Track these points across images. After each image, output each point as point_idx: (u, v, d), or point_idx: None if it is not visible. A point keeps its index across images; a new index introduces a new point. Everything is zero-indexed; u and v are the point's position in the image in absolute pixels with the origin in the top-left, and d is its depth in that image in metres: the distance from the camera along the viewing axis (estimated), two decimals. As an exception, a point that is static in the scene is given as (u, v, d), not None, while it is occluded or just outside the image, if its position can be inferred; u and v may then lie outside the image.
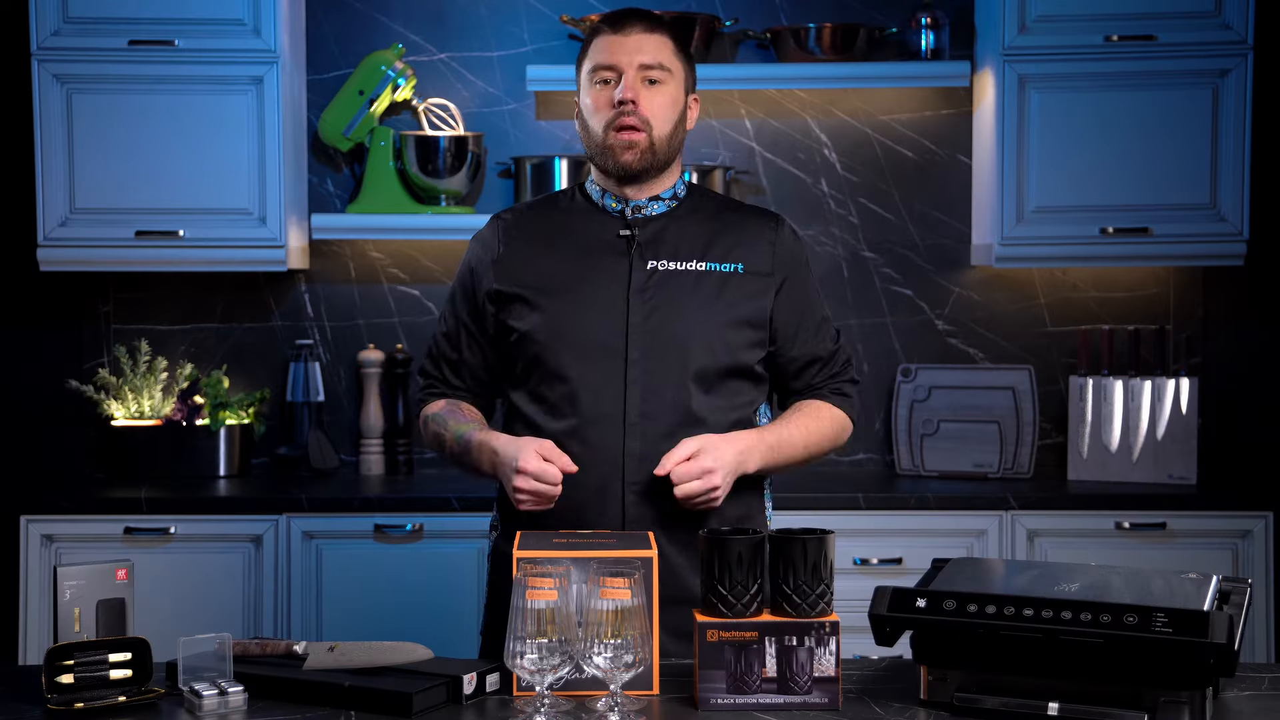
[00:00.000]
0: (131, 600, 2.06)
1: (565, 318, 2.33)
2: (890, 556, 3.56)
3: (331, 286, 4.04)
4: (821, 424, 2.41)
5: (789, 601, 1.93)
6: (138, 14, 3.70)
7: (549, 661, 1.82)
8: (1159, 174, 3.71)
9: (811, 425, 2.39)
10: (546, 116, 4.04)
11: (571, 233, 2.40)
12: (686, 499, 2.21)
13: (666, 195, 2.41)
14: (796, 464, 2.39)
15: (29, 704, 1.96)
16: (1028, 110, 3.72)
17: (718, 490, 2.22)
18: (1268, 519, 3.57)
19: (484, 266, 2.41)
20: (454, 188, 3.91)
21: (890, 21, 3.96)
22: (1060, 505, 3.61)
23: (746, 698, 1.92)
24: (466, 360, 2.45)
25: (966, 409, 3.91)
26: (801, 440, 2.37)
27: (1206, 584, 1.95)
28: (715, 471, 2.21)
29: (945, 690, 1.92)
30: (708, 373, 2.32)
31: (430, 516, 3.56)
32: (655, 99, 2.34)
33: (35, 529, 3.56)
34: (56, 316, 4.06)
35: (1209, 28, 3.68)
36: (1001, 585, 2.04)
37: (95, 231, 3.73)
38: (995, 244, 3.75)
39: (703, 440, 2.23)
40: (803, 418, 2.40)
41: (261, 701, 1.95)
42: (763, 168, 4.04)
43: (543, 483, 2.19)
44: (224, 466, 3.88)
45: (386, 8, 4.03)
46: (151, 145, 3.72)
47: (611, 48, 2.34)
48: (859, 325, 4.05)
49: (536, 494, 2.20)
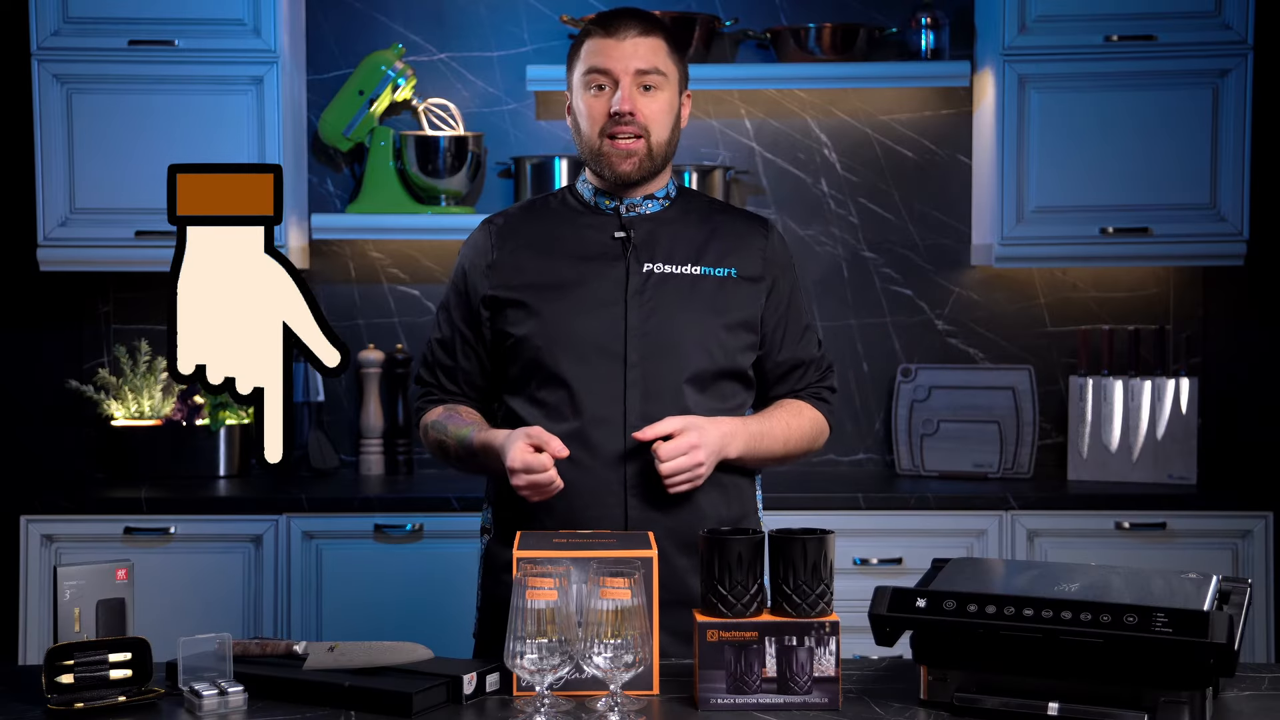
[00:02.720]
0: (131, 600, 2.06)
1: (563, 321, 2.32)
2: (890, 556, 3.56)
3: (331, 286, 4.04)
4: (802, 422, 2.42)
5: (789, 601, 1.93)
6: (138, 14, 3.70)
7: (549, 661, 1.82)
8: (1159, 174, 3.71)
9: (793, 422, 2.40)
10: (546, 116, 4.04)
11: (566, 236, 2.39)
12: (671, 475, 2.20)
13: (660, 194, 2.41)
14: (775, 459, 2.39)
15: (29, 704, 1.96)
16: (1028, 110, 3.72)
17: (702, 468, 2.22)
18: (1268, 519, 3.58)
19: (477, 272, 2.41)
20: (454, 188, 3.91)
21: (890, 21, 3.96)
22: (1060, 505, 3.61)
23: (746, 698, 1.92)
24: (462, 366, 2.44)
25: (966, 409, 3.91)
26: (782, 434, 2.38)
27: (1206, 584, 1.95)
28: (700, 448, 2.21)
29: (945, 690, 1.92)
30: (704, 375, 2.33)
31: (430, 516, 3.56)
32: (652, 105, 2.34)
33: (35, 529, 3.56)
34: (56, 316, 4.06)
35: (1209, 28, 3.68)
36: (1001, 585, 2.04)
37: (95, 231, 3.73)
38: (995, 244, 3.76)
39: (687, 419, 2.23)
40: (784, 413, 2.41)
41: (261, 701, 1.95)
42: (763, 168, 4.04)
43: (534, 473, 2.18)
44: (224, 466, 3.88)
45: (386, 8, 4.03)
46: (151, 145, 3.72)
47: (605, 52, 2.33)
48: (859, 325, 4.05)
49: (533, 487, 2.20)
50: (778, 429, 2.37)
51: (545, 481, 2.19)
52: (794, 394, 2.45)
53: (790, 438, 2.39)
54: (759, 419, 2.37)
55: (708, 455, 2.22)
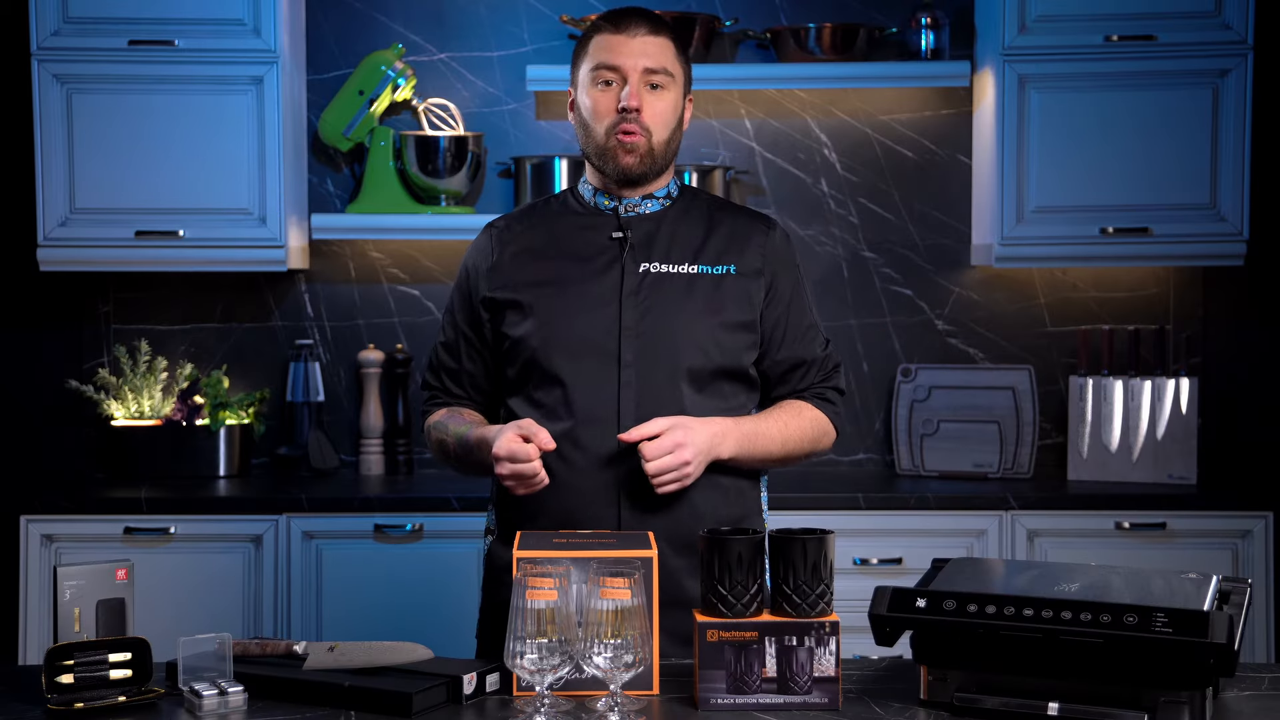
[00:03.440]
0: (131, 600, 2.06)
1: (559, 320, 2.32)
2: (890, 556, 3.56)
3: (331, 286, 4.04)
4: (801, 423, 2.39)
5: (789, 601, 1.93)
6: (138, 14, 3.70)
7: (549, 661, 1.82)
8: (1159, 174, 3.71)
9: (791, 422, 2.38)
10: (546, 116, 4.04)
11: (564, 237, 2.39)
12: (657, 475, 2.19)
13: (660, 194, 2.41)
14: (773, 460, 2.38)
15: (29, 704, 1.96)
16: (1028, 110, 3.72)
17: (689, 467, 2.21)
18: (1268, 519, 3.57)
19: (479, 275, 2.41)
20: (454, 188, 3.91)
21: (890, 21, 3.96)
22: (1060, 505, 3.61)
23: (746, 698, 1.92)
24: (467, 369, 2.45)
25: (966, 409, 3.91)
26: (779, 435, 2.36)
27: (1206, 584, 1.95)
28: (686, 446, 2.19)
29: (945, 690, 1.92)
30: (700, 374, 2.32)
31: (430, 516, 3.56)
32: (658, 104, 2.34)
33: (35, 529, 3.56)
34: (56, 316, 4.06)
35: (1209, 28, 3.68)
36: (1001, 585, 2.04)
37: (95, 231, 3.73)
38: (995, 244, 3.76)
39: (674, 419, 2.22)
40: (782, 413, 2.39)
41: (261, 701, 1.95)
42: (763, 168, 4.04)
43: (518, 463, 2.18)
44: (224, 466, 3.88)
45: (386, 8, 4.03)
46: (151, 145, 3.72)
47: (615, 48, 2.33)
48: (859, 325, 4.05)
49: (516, 477, 2.19)
50: (774, 429, 2.35)
51: (529, 473, 2.18)
52: (796, 394, 2.43)
53: (789, 438, 2.37)
54: (754, 419, 2.36)
55: (694, 454, 2.21)
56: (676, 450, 2.19)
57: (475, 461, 2.35)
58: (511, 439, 2.19)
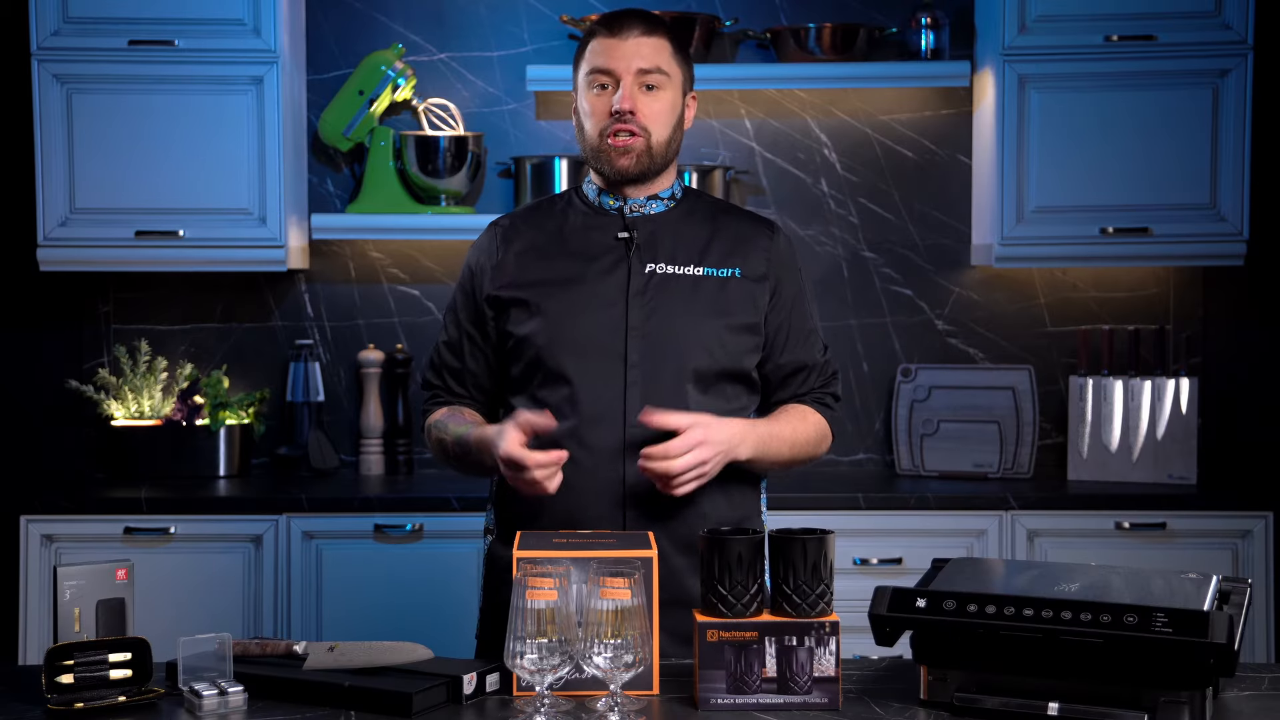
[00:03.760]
0: (131, 600, 2.06)
1: (565, 319, 2.32)
2: (890, 556, 3.56)
3: (331, 286, 4.04)
4: (807, 428, 2.40)
5: (789, 601, 1.93)
6: (138, 14, 3.70)
7: (549, 661, 1.82)
8: (1159, 174, 3.71)
9: (799, 427, 2.39)
10: (546, 116, 4.04)
11: (569, 236, 2.39)
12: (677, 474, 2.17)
13: (665, 195, 2.41)
14: (781, 463, 2.38)
15: (29, 704, 1.96)
16: (1028, 110, 3.72)
17: (708, 465, 2.20)
18: (1268, 519, 3.58)
19: (483, 273, 2.41)
20: (454, 188, 3.91)
21: (890, 21, 3.96)
22: (1060, 505, 3.61)
23: (746, 698, 1.92)
24: (469, 368, 2.45)
25: (966, 409, 3.91)
26: (789, 438, 2.37)
27: (1206, 584, 1.95)
28: (705, 445, 2.19)
29: (945, 690, 1.92)
30: (706, 374, 2.32)
31: (430, 516, 3.56)
32: (653, 105, 2.34)
33: (35, 529, 3.56)
34: (56, 316, 4.06)
35: (1209, 28, 3.68)
36: (1001, 585, 2.04)
37: (95, 231, 3.73)
38: (995, 244, 3.76)
39: (695, 416, 2.21)
40: (791, 418, 2.40)
41: (261, 701, 1.95)
42: (763, 168, 4.04)
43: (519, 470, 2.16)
44: (224, 466, 3.88)
45: (386, 8, 4.03)
46: (151, 145, 3.72)
47: (608, 52, 2.33)
48: (859, 325, 4.05)
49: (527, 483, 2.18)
50: (785, 432, 2.36)
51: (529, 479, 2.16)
52: (797, 398, 2.44)
53: (796, 442, 2.38)
54: (767, 422, 2.37)
55: (713, 453, 2.21)
56: (696, 449, 2.18)
57: (474, 462, 2.35)
58: (515, 441, 2.17)
